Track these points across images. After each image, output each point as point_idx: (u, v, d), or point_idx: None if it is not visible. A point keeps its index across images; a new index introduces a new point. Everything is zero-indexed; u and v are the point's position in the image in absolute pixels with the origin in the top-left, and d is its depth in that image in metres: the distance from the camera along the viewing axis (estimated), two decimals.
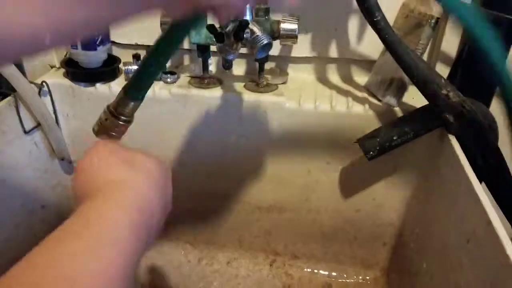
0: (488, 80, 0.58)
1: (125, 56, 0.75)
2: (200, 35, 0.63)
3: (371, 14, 0.54)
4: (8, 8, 0.25)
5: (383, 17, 0.54)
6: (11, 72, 0.60)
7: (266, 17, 0.61)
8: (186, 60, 0.78)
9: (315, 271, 0.82)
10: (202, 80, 0.71)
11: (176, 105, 0.70)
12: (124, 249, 0.28)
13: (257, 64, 0.69)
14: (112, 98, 0.43)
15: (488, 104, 0.64)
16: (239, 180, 0.77)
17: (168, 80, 0.71)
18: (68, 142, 0.75)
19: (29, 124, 0.68)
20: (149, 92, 0.68)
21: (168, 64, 0.76)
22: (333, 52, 0.72)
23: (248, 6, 0.49)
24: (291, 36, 0.61)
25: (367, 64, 0.73)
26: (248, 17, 0.50)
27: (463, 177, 0.51)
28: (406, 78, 0.63)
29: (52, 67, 0.77)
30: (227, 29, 0.51)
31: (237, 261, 0.83)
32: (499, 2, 0.57)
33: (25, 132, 0.68)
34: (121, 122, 0.42)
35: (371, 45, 0.71)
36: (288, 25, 0.61)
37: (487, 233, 0.43)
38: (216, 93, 0.69)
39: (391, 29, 0.55)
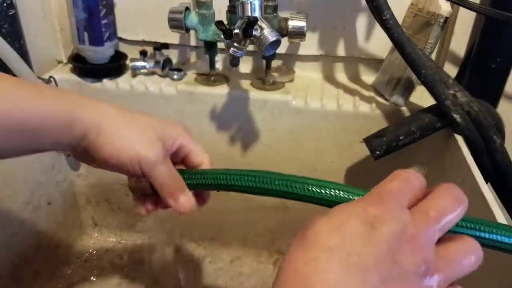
0: None
1: (132, 52, 0.75)
2: (208, 32, 0.63)
3: (380, 12, 0.54)
4: None
5: (392, 16, 0.54)
6: (18, 67, 0.61)
7: (275, 14, 0.61)
8: (193, 57, 0.78)
9: None
10: (208, 77, 0.71)
11: (182, 102, 0.70)
12: None
13: (264, 62, 0.69)
14: (119, 94, 0.43)
15: (495, 105, 0.64)
16: None
17: (175, 77, 0.71)
18: None
19: None
20: (155, 89, 0.70)
21: (174, 61, 0.77)
22: (341, 50, 0.72)
23: (257, 1, 0.49)
24: (299, 34, 0.61)
25: (374, 63, 0.73)
26: (257, 13, 0.50)
27: (469, 178, 0.50)
28: (413, 78, 0.63)
29: (59, 62, 0.77)
30: (236, 25, 0.51)
31: (241, 259, 0.83)
32: (506, 2, 0.57)
33: None
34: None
35: (379, 43, 0.70)
36: (297, 23, 0.61)
37: None
38: (222, 90, 0.69)
39: (399, 27, 0.54)
